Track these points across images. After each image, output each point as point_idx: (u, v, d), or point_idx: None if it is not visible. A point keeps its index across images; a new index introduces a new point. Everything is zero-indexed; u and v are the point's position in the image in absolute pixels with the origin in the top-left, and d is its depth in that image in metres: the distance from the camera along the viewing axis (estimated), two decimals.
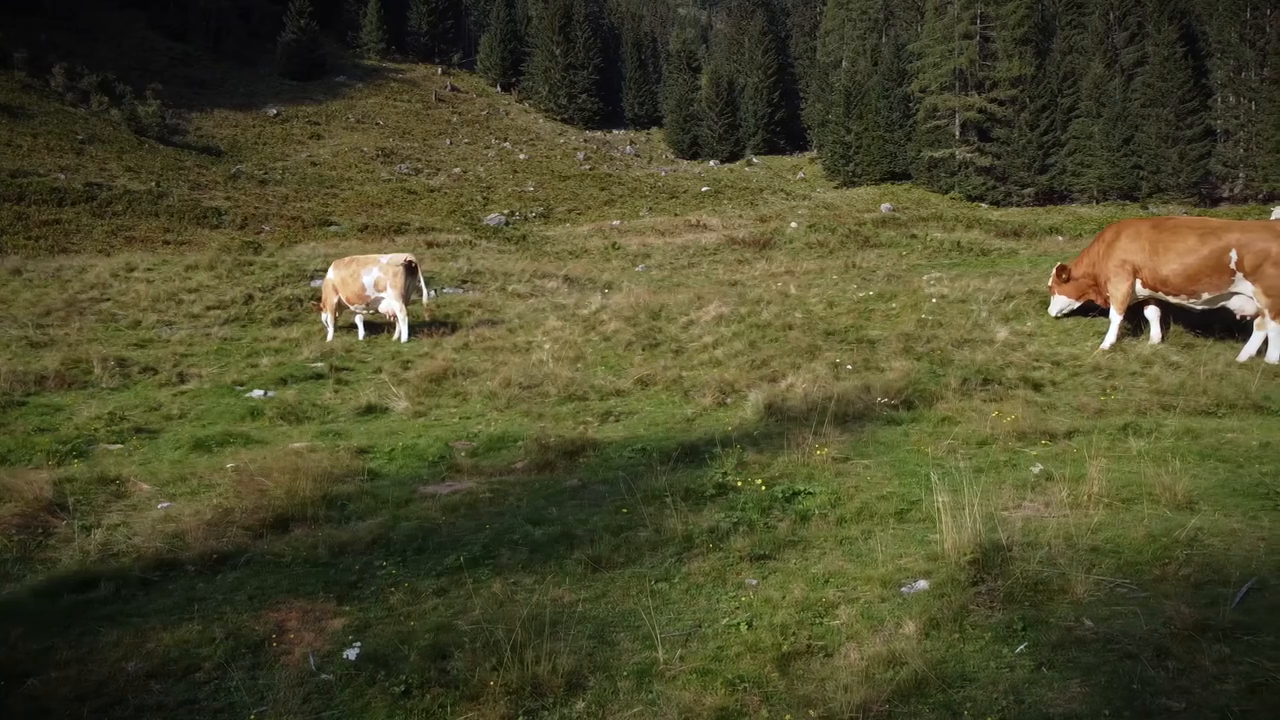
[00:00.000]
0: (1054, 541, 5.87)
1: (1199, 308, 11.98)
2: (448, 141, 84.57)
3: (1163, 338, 12.27)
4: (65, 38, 78.18)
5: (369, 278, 16.17)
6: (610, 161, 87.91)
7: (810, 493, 6.99)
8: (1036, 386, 10.42)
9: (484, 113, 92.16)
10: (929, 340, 12.44)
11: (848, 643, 4.94)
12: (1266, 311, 11.13)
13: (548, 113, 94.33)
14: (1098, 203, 67.87)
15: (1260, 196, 62.84)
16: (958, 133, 72.47)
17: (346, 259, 16.86)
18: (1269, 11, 62.94)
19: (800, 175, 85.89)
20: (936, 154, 72.42)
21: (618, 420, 10.34)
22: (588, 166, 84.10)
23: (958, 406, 9.48)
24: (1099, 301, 12.79)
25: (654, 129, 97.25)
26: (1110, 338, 12.20)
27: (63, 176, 55.35)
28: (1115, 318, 12.32)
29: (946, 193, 72.23)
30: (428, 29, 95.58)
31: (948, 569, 5.50)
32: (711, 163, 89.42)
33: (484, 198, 73.07)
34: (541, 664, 4.67)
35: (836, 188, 78.05)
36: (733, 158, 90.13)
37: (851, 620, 5.16)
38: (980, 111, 71.60)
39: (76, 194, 52.28)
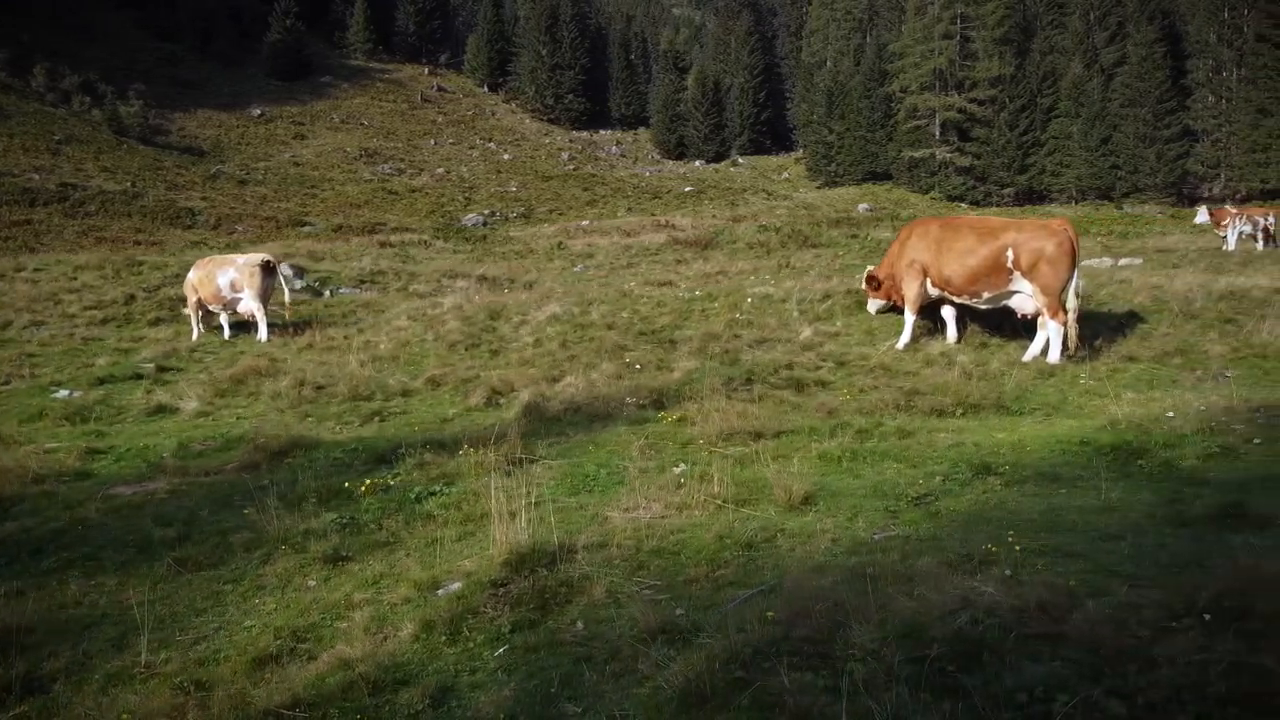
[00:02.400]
0: (624, 543, 5.83)
1: (983, 307, 11.89)
2: (432, 142, 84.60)
3: (959, 338, 12.16)
4: (52, 38, 78.48)
5: (224, 278, 16.18)
6: (595, 162, 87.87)
7: (444, 494, 6.96)
8: (800, 387, 10.35)
9: (470, 113, 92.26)
10: (730, 340, 12.38)
11: (339, 646, 4.90)
12: (1044, 310, 11.04)
13: (534, 113, 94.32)
14: (1076, 203, 67.56)
15: (1238, 196, 62.42)
16: (938, 133, 72.24)
17: (206, 259, 16.89)
18: (1246, 11, 62.51)
19: (785, 175, 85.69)
20: (917, 154, 72.20)
21: (383, 420, 10.33)
22: (572, 167, 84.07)
23: (703, 407, 9.41)
24: (898, 301, 12.69)
25: (642, 129, 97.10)
26: (904, 337, 12.10)
27: (36, 177, 55.52)
28: (908, 317, 12.22)
29: (927, 193, 72.03)
30: (415, 29, 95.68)
31: (486, 570, 5.46)
32: (697, 163, 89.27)
33: (466, 198, 72.97)
34: None
35: (819, 188, 77.86)
36: (718, 158, 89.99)
37: (361, 623, 5.12)
38: (960, 112, 71.31)
39: (49, 194, 52.48)
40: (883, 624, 4.03)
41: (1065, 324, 10.92)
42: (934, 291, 11.99)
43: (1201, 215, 28.25)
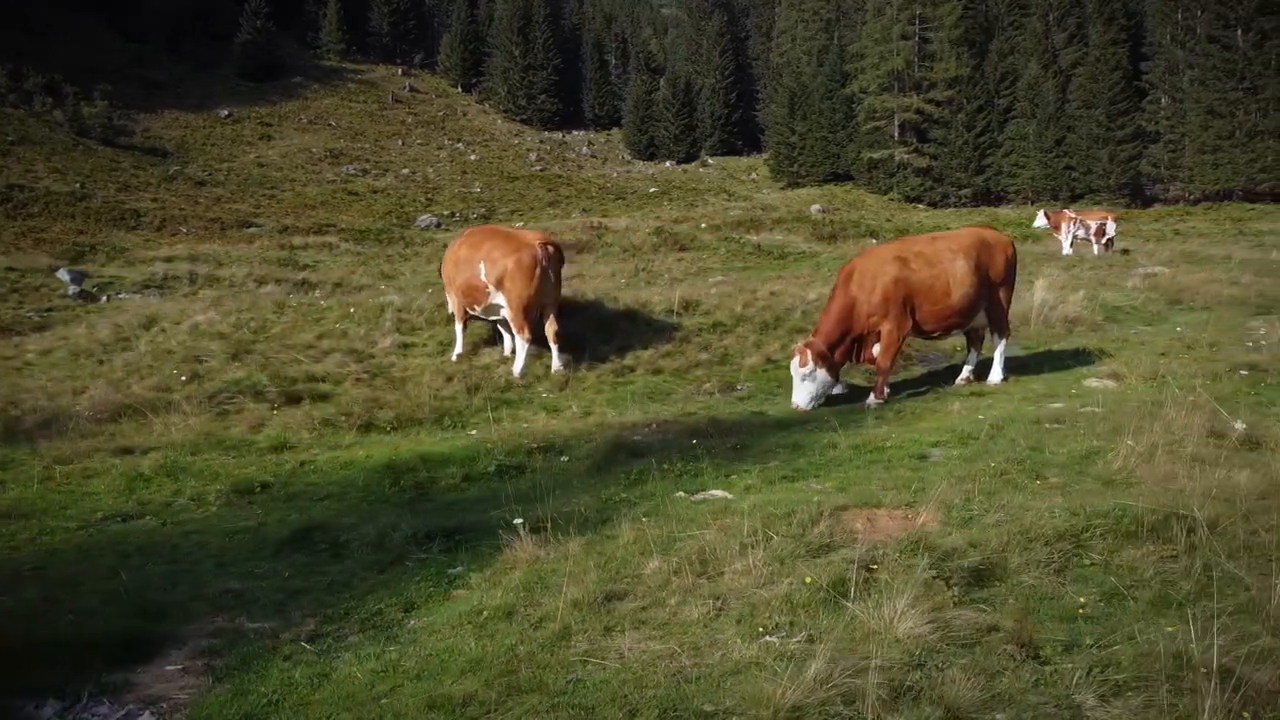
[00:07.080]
0: None
1: (490, 319, 11.70)
2: (400, 142, 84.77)
3: (513, 348, 11.96)
4: (17, 38, 79.16)
5: None
6: (564, 163, 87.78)
7: None
8: (295, 399, 10.23)
9: (441, 114, 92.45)
10: (307, 349, 12.24)
11: None
12: (512, 325, 10.87)
13: (507, 114, 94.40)
14: (1031, 204, 66.77)
15: (1192, 198, 61.48)
16: (896, 134, 71.71)
17: None
18: (1200, 13, 61.50)
19: (753, 176, 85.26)
20: (876, 155, 71.69)
21: None
22: (539, 168, 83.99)
23: (152, 421, 9.34)
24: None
25: (615, 130, 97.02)
26: (456, 349, 11.94)
27: None
28: (455, 326, 12.08)
29: (885, 194, 71.54)
30: (389, 30, 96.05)
31: None
32: (667, 163, 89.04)
33: (427, 199, 72.89)
34: None
35: (782, 189, 77.43)
36: (689, 159, 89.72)
37: None
38: (918, 113, 70.75)
39: None
40: None
41: (555, 337, 10.77)
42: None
43: (1040, 220, 27.83)
